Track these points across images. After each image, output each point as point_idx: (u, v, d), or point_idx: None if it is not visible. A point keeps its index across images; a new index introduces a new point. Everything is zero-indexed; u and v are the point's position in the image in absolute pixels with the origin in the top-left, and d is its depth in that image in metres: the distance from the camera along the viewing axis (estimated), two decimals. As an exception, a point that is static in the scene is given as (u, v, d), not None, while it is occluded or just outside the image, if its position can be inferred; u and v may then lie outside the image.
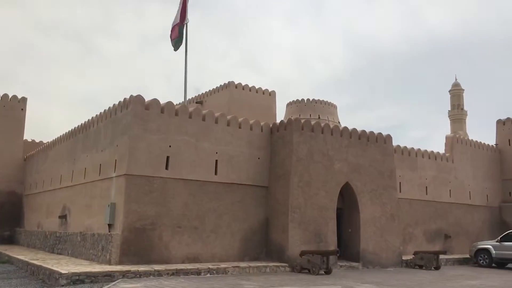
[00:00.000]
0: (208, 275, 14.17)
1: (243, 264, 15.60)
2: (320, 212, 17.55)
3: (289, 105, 38.36)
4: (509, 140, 29.15)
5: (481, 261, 21.28)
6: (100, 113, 18.02)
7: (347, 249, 18.84)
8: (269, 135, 18.41)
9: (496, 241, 21.22)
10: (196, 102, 29.63)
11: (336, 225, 18.13)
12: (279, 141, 18.03)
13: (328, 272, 15.62)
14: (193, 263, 15.23)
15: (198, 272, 14.07)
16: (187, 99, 25.73)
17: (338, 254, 16.74)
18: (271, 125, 18.74)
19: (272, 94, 29.15)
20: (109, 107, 17.20)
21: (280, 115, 37.19)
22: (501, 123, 29.90)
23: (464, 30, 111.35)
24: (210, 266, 14.63)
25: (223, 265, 15.03)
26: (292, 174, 17.14)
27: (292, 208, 16.88)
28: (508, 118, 29.55)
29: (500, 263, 21.19)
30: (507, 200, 28.45)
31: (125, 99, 15.94)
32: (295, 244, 16.62)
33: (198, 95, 31.05)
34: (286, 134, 17.79)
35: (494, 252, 20.88)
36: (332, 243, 17.57)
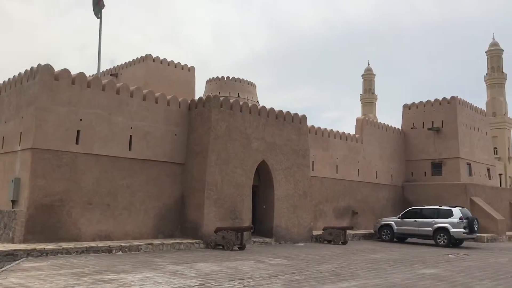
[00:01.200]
0: (120, 252, 13.86)
1: (156, 242, 15.43)
2: (237, 190, 17.76)
3: (209, 82, 38.13)
4: (413, 123, 31.24)
5: (384, 236, 22.81)
6: (4, 81, 16.69)
7: (261, 225, 19.32)
8: (187, 112, 18.17)
9: (398, 218, 22.83)
10: (111, 75, 28.43)
11: (252, 202, 18.49)
12: (197, 118, 17.87)
13: (242, 248, 15.93)
14: (104, 241, 14.79)
15: (109, 250, 13.71)
16: (101, 71, 24.62)
17: (252, 230, 17.09)
18: (189, 101, 18.48)
19: (191, 70, 28.70)
20: (15, 76, 15.96)
21: (200, 92, 36.92)
22: (406, 108, 31.91)
23: (379, 18, 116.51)
24: (122, 244, 14.30)
25: (136, 243, 14.76)
26: (209, 151, 17.11)
27: (208, 186, 16.90)
28: (413, 103, 31.60)
29: (401, 238, 22.86)
30: (409, 179, 30.63)
31: (32, 67, 14.87)
32: (211, 221, 16.71)
33: (113, 67, 29.78)
34: (205, 111, 17.66)
35: (395, 227, 22.47)
36: (247, 220, 17.90)
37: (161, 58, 27.14)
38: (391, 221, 22.95)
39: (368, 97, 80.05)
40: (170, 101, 17.64)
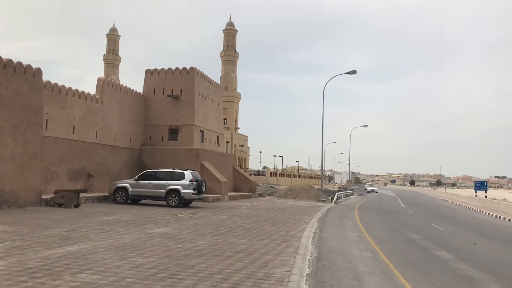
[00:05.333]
0: None
1: None
2: None
3: None
4: (154, 89, 32.03)
5: (119, 198, 22.91)
6: None
7: (-21, 189, 16.98)
8: None
9: (134, 180, 23.24)
10: None
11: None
12: None
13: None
14: None
15: None
16: None
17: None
18: None
19: None
20: None
21: None
22: (149, 73, 32.46)
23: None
24: None
25: None
26: None
27: None
28: (155, 69, 32.34)
29: (136, 200, 23.37)
30: (147, 143, 31.46)
31: None
32: None
33: None
34: None
35: (131, 190, 22.82)
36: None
37: None
38: (126, 183, 23.17)
39: (112, 58, 78.16)
40: None
